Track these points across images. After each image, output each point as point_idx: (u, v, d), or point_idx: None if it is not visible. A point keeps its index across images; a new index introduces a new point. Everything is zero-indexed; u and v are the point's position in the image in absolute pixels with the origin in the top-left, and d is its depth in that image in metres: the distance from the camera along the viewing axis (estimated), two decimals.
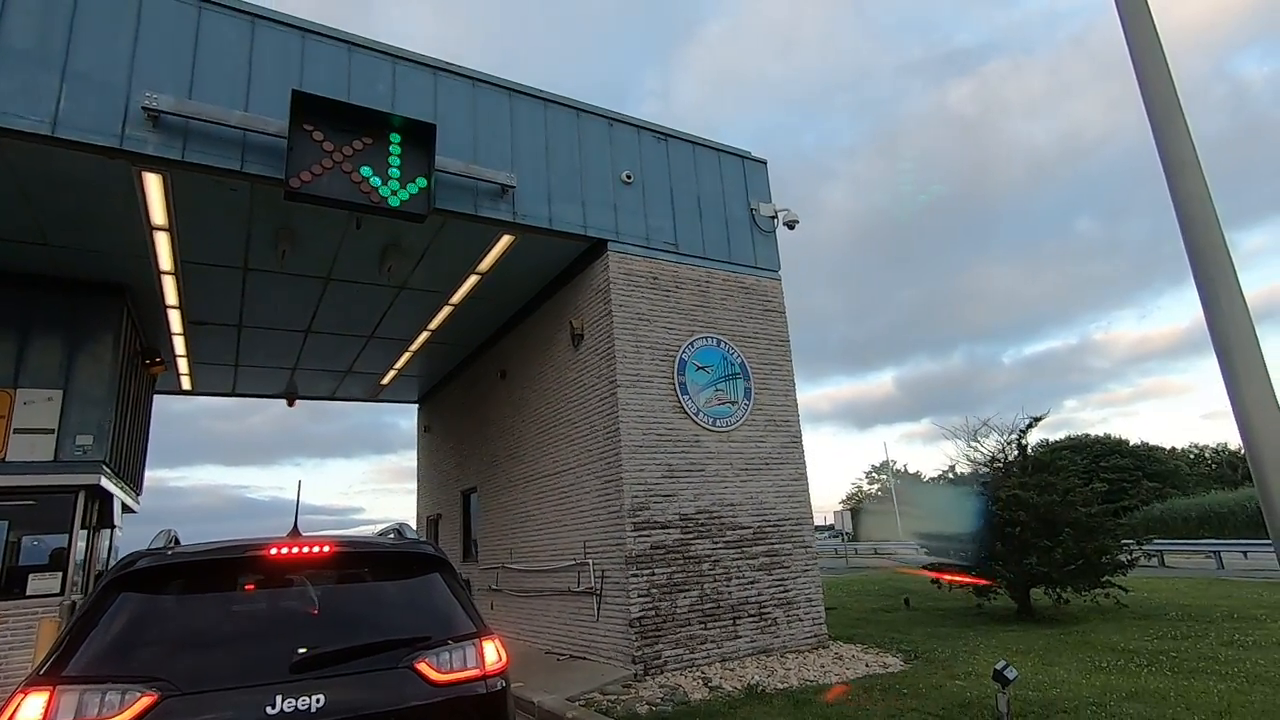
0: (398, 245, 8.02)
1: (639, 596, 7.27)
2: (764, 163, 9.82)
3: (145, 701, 2.27)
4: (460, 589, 3.21)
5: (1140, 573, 14.99)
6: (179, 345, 10.80)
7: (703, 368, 8.41)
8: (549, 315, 9.52)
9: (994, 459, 11.71)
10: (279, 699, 2.42)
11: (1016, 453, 11.44)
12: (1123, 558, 10.21)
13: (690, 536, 7.80)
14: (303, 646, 2.69)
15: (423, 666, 2.73)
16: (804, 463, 8.99)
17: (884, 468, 56.34)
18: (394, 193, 6.40)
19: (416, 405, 16.61)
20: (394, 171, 6.43)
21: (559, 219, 7.84)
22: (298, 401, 15.10)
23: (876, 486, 58.25)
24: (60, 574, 8.10)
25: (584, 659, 7.97)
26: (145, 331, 10.10)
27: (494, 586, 10.77)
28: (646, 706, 6.04)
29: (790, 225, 9.47)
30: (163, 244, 7.56)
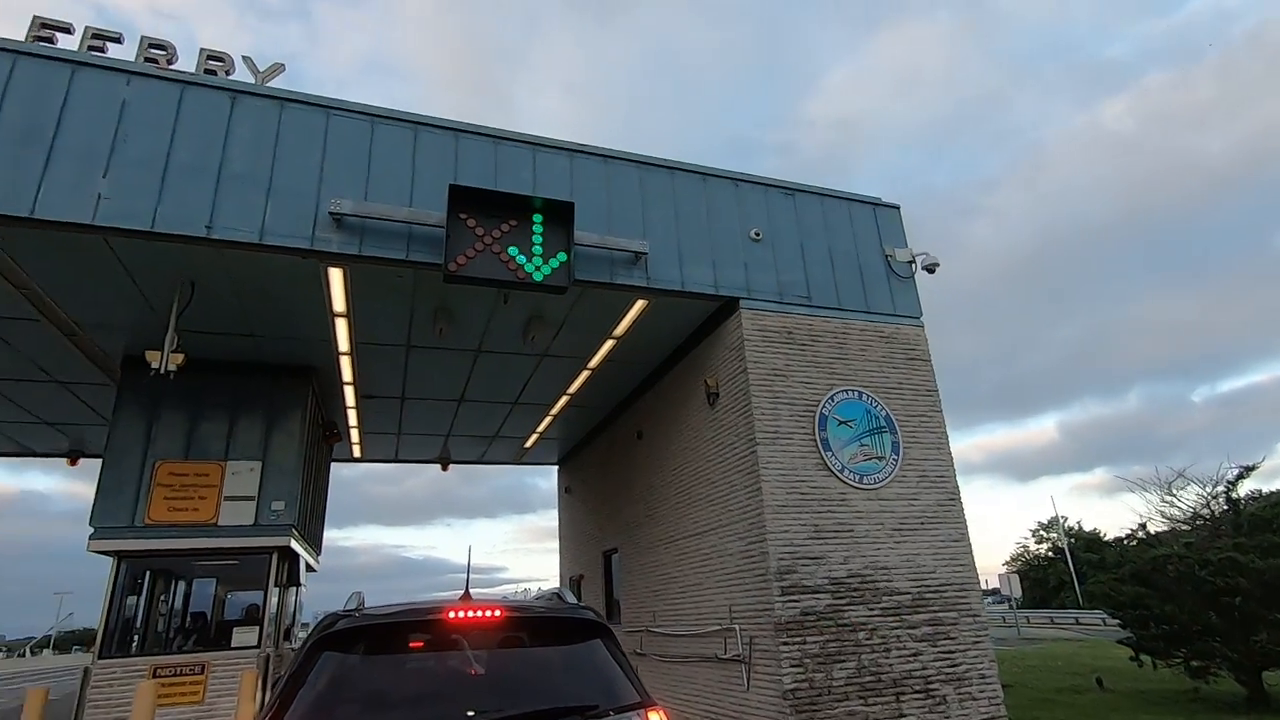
0: (540, 316, 8.51)
1: (791, 666, 6.91)
2: (896, 208, 9.53)
3: None
4: (622, 656, 3.22)
5: None
6: (352, 417, 11.98)
7: (845, 422, 8.09)
8: (684, 375, 9.63)
9: (1196, 515, 10.19)
10: None
11: (1226, 507, 9.90)
12: None
13: (843, 602, 7.37)
14: (474, 709, 2.79)
15: None
16: (964, 522, 8.29)
17: (1054, 525, 50.58)
18: (538, 268, 6.85)
19: (557, 466, 17.19)
20: (537, 249, 6.89)
21: (690, 280, 7.99)
22: (450, 465, 16.14)
23: (1046, 546, 52.19)
24: (257, 628, 9.00)
25: None
26: (325, 406, 11.31)
27: (639, 650, 10.67)
28: None
29: (930, 269, 9.05)
30: (342, 328, 8.52)
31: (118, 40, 6.73)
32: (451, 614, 2.99)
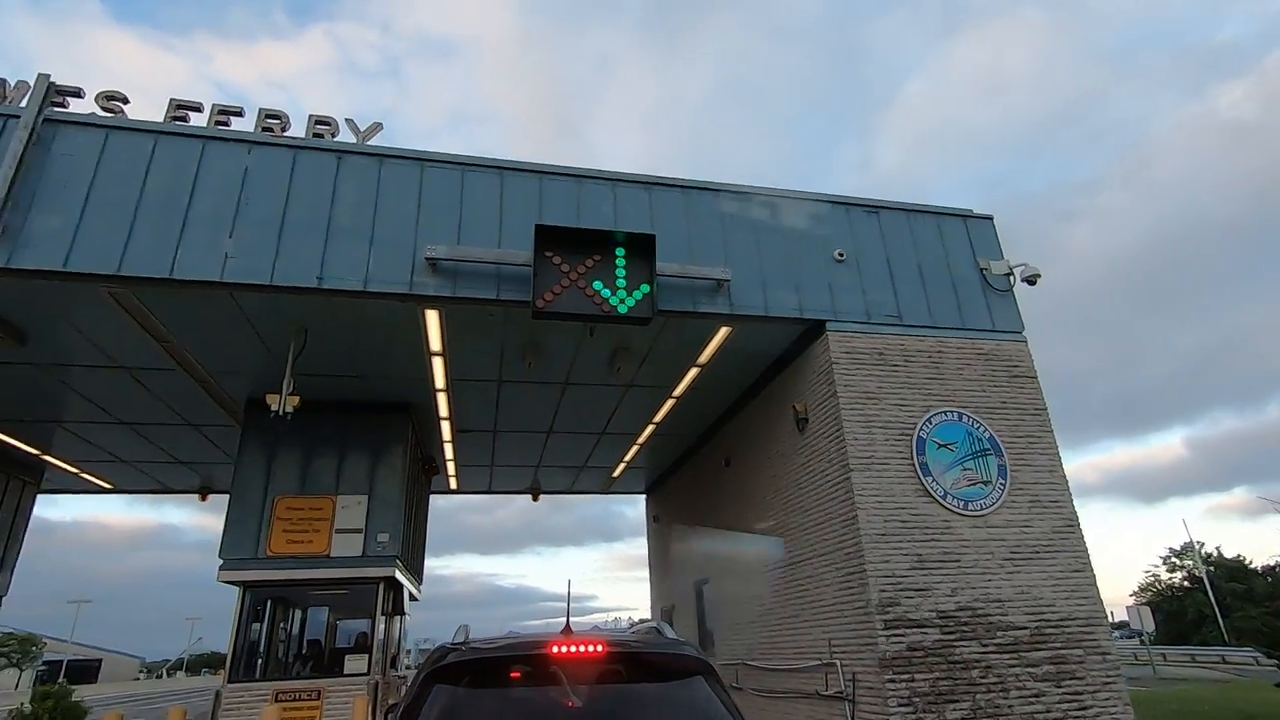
0: (626, 347, 8.63)
1: (899, 705, 6.56)
2: (989, 219, 9.13)
3: None
4: (725, 694, 3.15)
5: None
6: (449, 451, 12.47)
7: (945, 445, 7.72)
8: (771, 400, 9.48)
9: None
10: None
11: None
12: None
13: (952, 638, 6.95)
14: None
15: None
16: (1085, 550, 7.68)
17: (1188, 551, 45.90)
18: (622, 301, 6.97)
19: (644, 495, 17.22)
20: (621, 282, 7.02)
21: (774, 305, 7.91)
22: (541, 495, 16.47)
23: (1181, 575, 47.36)
24: (367, 656, 9.41)
25: None
26: (424, 441, 11.84)
27: (735, 684, 10.40)
28: None
29: (1030, 281, 8.57)
30: (438, 366, 8.93)
31: (239, 114, 7.44)
32: (555, 648, 3.03)
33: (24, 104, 6.72)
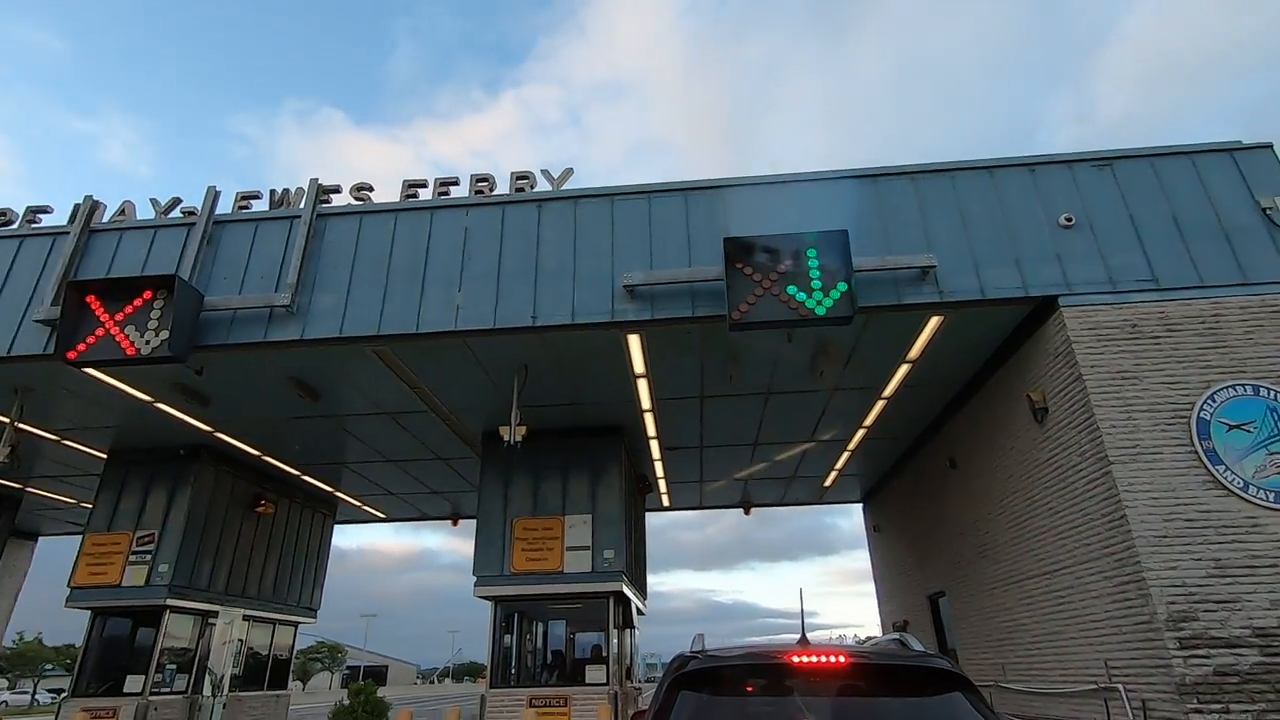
0: (827, 350, 8.34)
1: None
2: (1267, 147, 7.50)
3: None
4: (989, 712, 2.86)
5: None
6: (659, 469, 12.90)
7: (1238, 426, 6.39)
8: (998, 392, 8.56)
9: None
10: None
11: None
12: None
13: (1278, 660, 5.66)
14: None
15: None
16: None
17: None
18: (819, 303, 6.75)
19: (860, 504, 16.37)
20: (816, 283, 6.82)
21: (991, 286, 7.17)
22: (752, 509, 16.36)
23: None
24: (604, 666, 9.95)
25: None
26: (636, 461, 12.37)
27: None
28: None
29: None
30: (643, 388, 9.32)
31: (455, 183, 8.46)
32: (796, 658, 2.97)
33: (302, 205, 8.26)
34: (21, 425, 9.12)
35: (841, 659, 2.96)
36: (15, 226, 8.59)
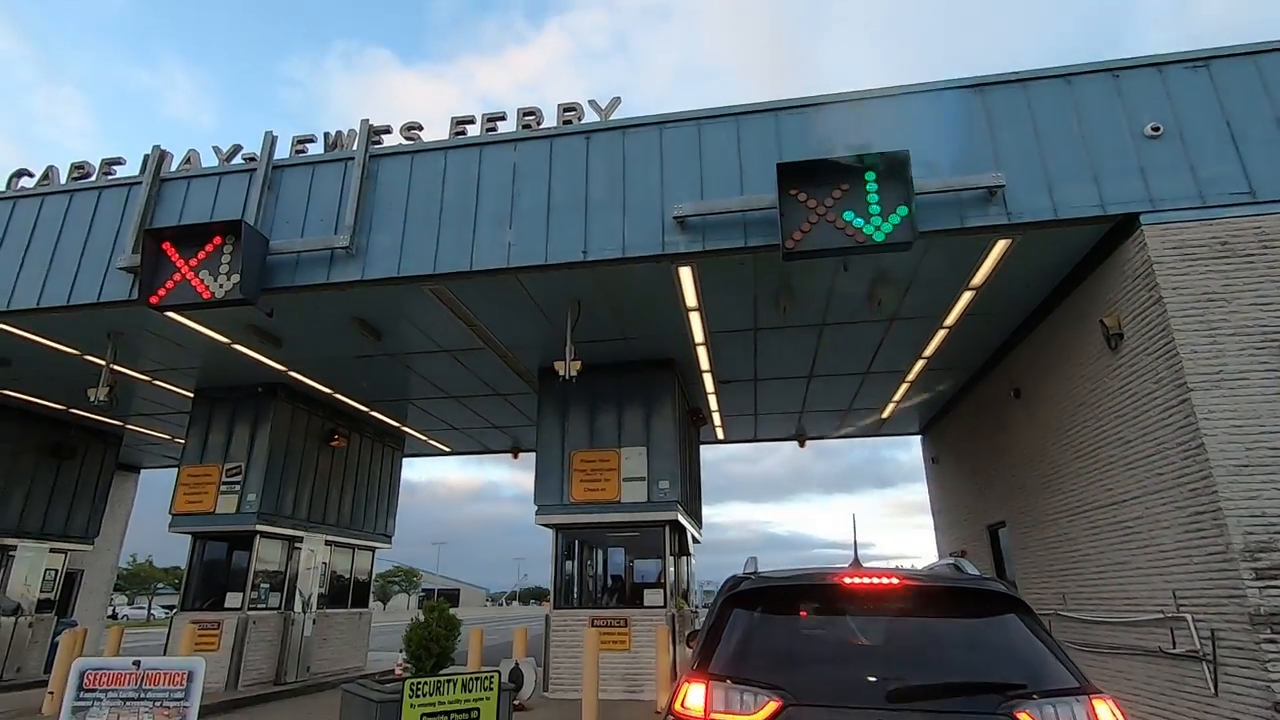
0: (885, 278, 8.08)
1: None
2: None
3: (773, 706, 2.63)
4: (1046, 634, 2.87)
5: None
6: (712, 403, 12.97)
7: None
8: (1068, 318, 8.17)
9: None
10: None
11: None
12: None
13: None
14: (875, 675, 2.76)
15: (1024, 718, 2.50)
16: None
17: None
18: (877, 229, 6.51)
19: (919, 436, 16.14)
20: (874, 208, 6.55)
21: (1065, 205, 6.75)
22: (807, 441, 16.36)
23: None
24: (661, 591, 10.34)
25: None
26: (690, 394, 12.46)
27: None
28: None
29: None
30: (695, 321, 9.28)
31: (502, 118, 8.37)
32: (848, 580, 3.02)
33: (355, 147, 8.35)
34: (116, 367, 9.82)
35: (894, 581, 3.00)
36: (93, 179, 9.01)
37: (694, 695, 2.79)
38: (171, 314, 8.43)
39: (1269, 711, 5.37)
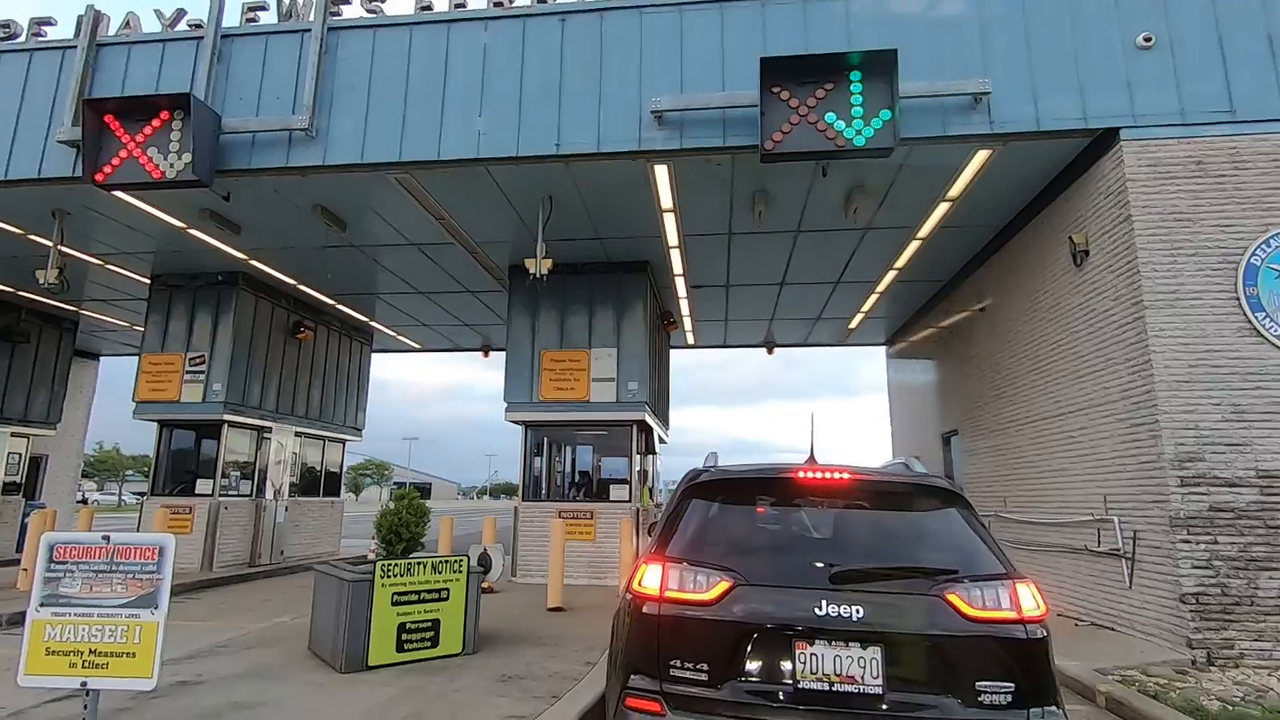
0: (862, 186, 7.98)
1: (1194, 569, 5.85)
2: None
3: (724, 585, 2.82)
4: (982, 528, 3.07)
5: None
6: (685, 307, 13.00)
7: None
8: (1038, 234, 8.24)
9: None
10: (824, 604, 2.71)
11: None
12: None
13: (1275, 499, 5.88)
14: (822, 562, 2.94)
15: (953, 599, 2.71)
16: None
17: None
18: (858, 132, 6.35)
19: (884, 346, 16.51)
20: (856, 111, 6.37)
21: (1048, 116, 6.64)
22: (775, 349, 16.63)
23: None
24: (626, 486, 10.73)
25: (1109, 629, 6.85)
26: (661, 298, 12.45)
27: None
28: (1217, 702, 4.85)
29: None
30: (670, 223, 9.13)
31: None
32: (801, 474, 3.16)
33: (311, 18, 7.73)
34: (64, 249, 9.39)
35: (845, 476, 3.15)
36: (21, 40, 8.26)
37: (650, 575, 2.95)
38: (120, 194, 8.00)
39: (1174, 602, 5.92)
